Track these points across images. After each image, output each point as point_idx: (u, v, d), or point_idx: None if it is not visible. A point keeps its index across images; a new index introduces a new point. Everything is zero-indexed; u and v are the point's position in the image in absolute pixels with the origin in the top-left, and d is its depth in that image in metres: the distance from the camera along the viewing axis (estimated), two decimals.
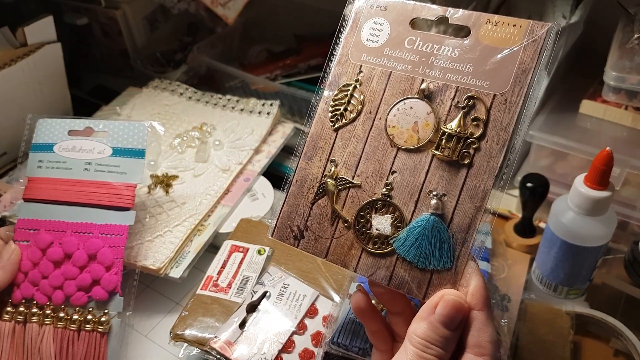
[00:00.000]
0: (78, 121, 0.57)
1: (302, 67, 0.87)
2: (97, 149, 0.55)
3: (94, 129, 0.56)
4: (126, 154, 0.55)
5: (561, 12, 0.61)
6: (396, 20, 0.40)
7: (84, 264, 0.52)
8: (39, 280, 0.51)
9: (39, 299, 0.51)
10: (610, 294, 0.55)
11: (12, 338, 0.50)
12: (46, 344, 0.50)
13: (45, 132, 0.57)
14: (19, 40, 0.73)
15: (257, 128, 0.74)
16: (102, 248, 0.52)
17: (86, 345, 0.50)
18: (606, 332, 0.52)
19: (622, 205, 0.58)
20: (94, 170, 0.54)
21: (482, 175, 0.35)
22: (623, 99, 0.58)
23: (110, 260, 0.52)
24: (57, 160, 0.55)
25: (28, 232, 0.53)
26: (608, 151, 0.45)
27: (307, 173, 0.40)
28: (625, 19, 0.61)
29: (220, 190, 0.66)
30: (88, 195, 0.54)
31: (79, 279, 0.51)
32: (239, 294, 0.53)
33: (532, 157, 0.62)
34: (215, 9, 0.82)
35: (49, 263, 0.52)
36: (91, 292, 0.51)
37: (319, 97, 0.41)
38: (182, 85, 0.82)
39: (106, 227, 0.53)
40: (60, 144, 0.55)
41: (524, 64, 0.35)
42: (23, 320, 0.51)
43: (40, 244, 0.52)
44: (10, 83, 0.73)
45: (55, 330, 0.50)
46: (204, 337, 0.49)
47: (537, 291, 0.55)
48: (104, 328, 0.50)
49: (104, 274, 0.51)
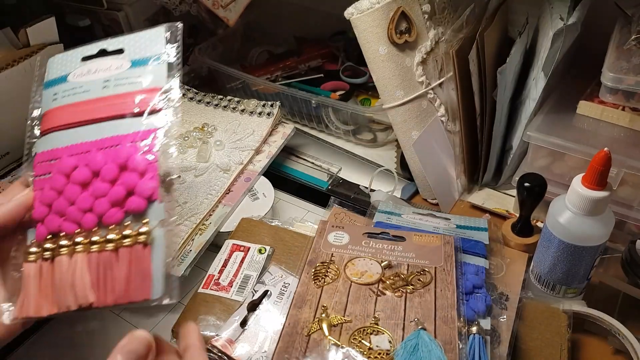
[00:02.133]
0: (90, 46, 0.52)
1: (303, 69, 0.88)
2: (114, 66, 0.50)
3: (109, 49, 0.51)
4: (146, 63, 0.49)
5: (559, 13, 0.62)
6: (353, 234, 0.57)
7: (115, 176, 0.45)
8: (65, 208, 0.45)
9: (67, 228, 0.44)
10: (607, 293, 0.55)
11: (40, 279, 0.43)
12: (80, 274, 0.43)
13: (56, 68, 0.52)
14: (21, 41, 0.73)
15: (257, 128, 0.74)
16: (132, 155, 0.45)
17: (127, 263, 0.43)
18: (603, 331, 0.52)
19: (619, 205, 0.58)
20: (113, 86, 0.49)
21: (445, 298, 0.50)
22: (620, 100, 0.58)
23: (143, 165, 0.45)
24: (72, 87, 0.50)
25: (48, 163, 0.47)
26: (606, 152, 0.46)
27: (299, 317, 0.49)
28: (622, 21, 0.61)
29: (221, 190, 0.66)
30: (111, 108, 0.48)
31: (110, 194, 0.44)
32: (240, 292, 0.54)
33: (529, 158, 0.63)
34: (216, 11, 0.82)
35: (74, 186, 0.45)
36: (126, 205, 0.44)
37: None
38: (183, 86, 0.83)
39: (134, 135, 0.46)
40: (74, 72, 0.50)
41: (447, 252, 0.54)
42: (50, 256, 0.44)
43: (63, 169, 0.46)
44: (12, 84, 0.73)
45: (89, 256, 0.43)
46: (206, 335, 0.50)
47: (535, 290, 0.55)
48: (145, 238, 0.43)
49: (138, 180, 0.45)
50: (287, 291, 0.53)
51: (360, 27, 0.61)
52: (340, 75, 0.84)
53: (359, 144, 0.79)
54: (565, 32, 0.58)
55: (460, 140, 0.66)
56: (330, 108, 0.77)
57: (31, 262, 0.44)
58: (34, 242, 0.45)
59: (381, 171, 0.71)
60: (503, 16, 0.68)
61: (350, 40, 0.86)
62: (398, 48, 0.62)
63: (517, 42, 0.62)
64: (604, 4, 0.64)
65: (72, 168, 0.46)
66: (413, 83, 0.63)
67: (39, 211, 0.45)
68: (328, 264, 0.53)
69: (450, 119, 0.66)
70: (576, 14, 0.61)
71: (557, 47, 0.59)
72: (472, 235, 0.57)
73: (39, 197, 0.46)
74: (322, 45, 0.90)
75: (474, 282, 0.51)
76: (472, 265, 0.53)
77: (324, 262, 0.53)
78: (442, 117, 0.66)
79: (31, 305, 0.43)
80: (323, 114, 0.78)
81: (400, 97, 0.63)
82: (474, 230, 0.59)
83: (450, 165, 0.68)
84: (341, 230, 0.57)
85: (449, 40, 0.62)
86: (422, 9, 0.64)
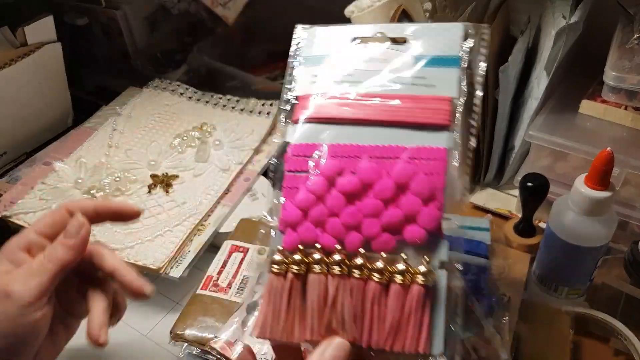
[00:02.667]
0: (363, 27, 0.44)
1: None
2: (393, 57, 0.41)
3: (388, 35, 0.43)
4: (433, 63, 0.41)
5: (561, 12, 0.61)
6: None
7: (391, 195, 0.37)
8: (325, 219, 0.37)
9: (326, 242, 0.37)
10: (609, 294, 0.55)
11: (290, 295, 0.37)
12: (340, 300, 0.36)
13: (320, 43, 0.44)
14: (19, 40, 0.73)
15: (257, 128, 0.74)
16: (416, 175, 0.37)
17: (400, 303, 0.35)
18: (606, 332, 0.52)
19: (621, 205, 0.58)
20: (390, 82, 0.41)
21: None
22: (623, 99, 0.58)
23: (428, 190, 0.37)
24: (338, 72, 0.42)
25: (305, 159, 0.39)
26: (609, 152, 0.45)
27: None
28: (624, 19, 0.61)
29: (220, 190, 0.66)
30: (387, 111, 0.40)
31: (385, 216, 0.37)
32: (239, 294, 0.53)
33: (531, 157, 0.62)
34: (215, 9, 0.82)
35: (339, 196, 0.38)
36: (403, 233, 0.37)
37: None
38: (182, 85, 0.82)
39: (418, 150, 0.38)
40: (341, 54, 0.43)
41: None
42: (302, 271, 0.37)
43: (325, 171, 0.38)
44: (10, 83, 0.73)
45: (350, 282, 0.36)
46: (204, 337, 0.50)
47: (537, 291, 0.55)
48: (425, 279, 0.35)
49: (420, 207, 0.37)
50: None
51: None
52: None
53: None
54: (567, 31, 0.58)
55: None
56: None
57: (278, 275, 0.37)
58: (280, 249, 0.38)
59: None
60: (505, 15, 0.67)
61: None
62: None
63: (519, 41, 0.62)
64: (606, 3, 0.63)
65: (337, 172, 0.38)
66: None
67: (292, 213, 0.38)
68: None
69: None
70: (578, 12, 0.60)
71: (559, 46, 0.58)
72: (474, 236, 0.57)
73: (292, 196, 0.38)
74: None
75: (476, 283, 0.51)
76: (474, 266, 0.53)
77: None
78: None
79: (277, 327, 0.37)
80: None
81: None
82: (476, 230, 0.58)
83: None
84: None
85: None
86: (423, 7, 0.63)
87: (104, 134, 0.74)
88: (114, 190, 0.65)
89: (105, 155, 0.71)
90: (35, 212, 0.63)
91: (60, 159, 0.70)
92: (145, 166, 0.69)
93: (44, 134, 0.81)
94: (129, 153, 0.71)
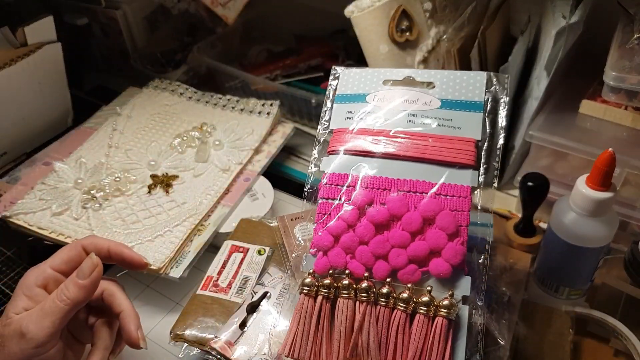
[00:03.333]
0: (393, 70, 0.47)
1: (302, 67, 0.87)
2: (421, 100, 0.45)
3: (417, 79, 0.47)
4: (459, 107, 0.44)
5: (561, 12, 0.61)
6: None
7: (418, 228, 0.40)
8: (355, 247, 0.40)
9: (355, 269, 0.40)
10: (609, 294, 0.55)
11: (319, 317, 0.39)
12: (367, 326, 0.38)
13: (352, 82, 0.48)
14: (19, 40, 0.73)
15: (257, 128, 0.74)
16: (442, 210, 0.40)
17: (424, 334, 0.37)
18: (606, 332, 0.52)
19: (622, 205, 0.58)
20: (419, 122, 0.44)
21: None
22: (623, 99, 0.58)
23: (453, 226, 0.40)
24: (371, 111, 0.45)
25: (337, 188, 0.42)
26: (610, 152, 0.45)
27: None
28: (625, 19, 0.61)
29: (220, 190, 0.66)
30: (415, 148, 0.42)
31: (411, 248, 0.39)
32: (239, 294, 0.53)
33: (532, 157, 0.62)
34: (215, 9, 0.82)
35: (369, 225, 0.40)
36: (429, 265, 0.39)
37: None
38: (182, 85, 0.82)
39: (444, 186, 0.41)
40: (374, 94, 0.46)
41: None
42: (331, 295, 0.39)
43: (356, 201, 0.41)
44: (10, 83, 0.73)
45: (376, 309, 0.39)
46: (204, 337, 0.50)
47: (538, 291, 0.55)
48: (449, 313, 0.37)
49: (445, 242, 0.39)
50: (287, 293, 0.53)
51: (360, 25, 0.60)
52: None
53: None
54: (567, 31, 0.58)
55: None
56: None
57: (308, 296, 0.39)
58: (311, 271, 0.40)
59: None
60: (505, 14, 0.67)
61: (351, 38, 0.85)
62: (399, 46, 0.61)
63: (519, 41, 0.62)
64: (606, 3, 0.63)
65: (367, 203, 0.41)
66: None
67: (324, 239, 0.41)
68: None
69: None
70: (578, 12, 0.60)
71: (560, 45, 0.58)
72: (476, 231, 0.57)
73: (324, 222, 0.41)
74: (322, 43, 0.90)
75: None
76: None
77: None
78: None
79: (306, 347, 0.38)
80: None
81: None
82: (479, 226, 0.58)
83: None
84: (302, 221, 0.53)
85: (450, 39, 0.62)
86: (424, 7, 0.63)
87: (104, 134, 0.74)
88: (114, 191, 0.65)
89: (105, 156, 0.70)
90: (35, 212, 0.63)
91: (60, 159, 0.70)
92: (145, 166, 0.69)
93: (44, 134, 0.81)
94: (129, 153, 0.71)
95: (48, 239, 0.61)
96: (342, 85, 0.47)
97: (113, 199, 0.64)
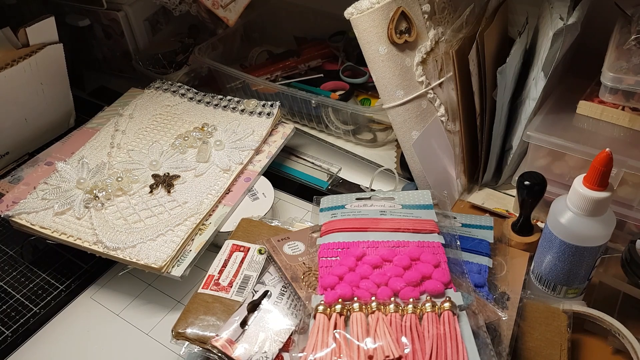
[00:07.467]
0: (361, 194, 0.60)
1: (302, 69, 0.88)
2: (387, 205, 0.58)
3: (379, 197, 0.60)
4: (416, 208, 0.57)
5: (558, 13, 0.62)
6: (302, 239, 0.57)
7: (407, 264, 0.49)
8: (358, 280, 0.48)
9: (361, 295, 0.47)
10: (607, 293, 0.55)
11: (330, 328, 0.44)
12: (382, 330, 0.43)
13: (330, 202, 0.59)
14: (20, 41, 0.73)
15: (257, 128, 0.74)
16: (424, 252, 0.50)
17: (435, 326, 0.44)
18: (603, 331, 0.52)
19: (619, 205, 0.58)
20: (389, 213, 0.56)
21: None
22: (620, 100, 0.58)
23: (435, 260, 0.49)
24: (350, 211, 0.57)
25: (334, 250, 0.52)
26: (607, 152, 0.45)
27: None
28: (622, 20, 0.61)
29: (221, 190, 0.66)
30: (392, 223, 0.54)
31: (406, 276, 0.48)
32: (240, 293, 0.54)
33: (529, 158, 0.63)
34: (216, 11, 0.82)
35: (366, 266, 0.49)
36: (423, 285, 0.47)
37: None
38: (183, 86, 0.83)
39: (421, 243, 0.51)
40: (350, 204, 0.58)
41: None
42: (343, 312, 0.46)
43: (353, 252, 0.50)
44: (12, 84, 0.73)
45: (388, 316, 0.45)
46: (206, 335, 0.50)
47: (536, 290, 0.55)
48: (450, 306, 0.45)
49: (432, 270, 0.48)
50: (287, 292, 0.53)
51: (360, 27, 0.61)
52: (340, 75, 0.84)
53: (359, 144, 0.79)
54: (565, 32, 0.58)
55: (460, 140, 0.66)
56: (330, 108, 0.77)
57: (323, 314, 0.45)
58: (322, 302, 0.46)
59: (381, 171, 0.71)
60: (503, 16, 0.68)
61: (350, 40, 0.86)
62: (398, 48, 0.62)
63: (517, 42, 0.62)
64: (603, 4, 0.64)
65: (362, 254, 0.50)
66: (413, 83, 0.63)
67: (328, 279, 0.48)
68: (309, 272, 0.53)
69: (450, 119, 0.66)
70: (576, 13, 0.61)
71: (557, 47, 0.59)
72: (477, 234, 0.57)
73: (328, 268, 0.50)
74: (322, 45, 0.90)
75: (476, 281, 0.51)
76: (475, 264, 0.53)
77: (305, 273, 0.53)
78: (442, 117, 0.66)
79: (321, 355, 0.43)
80: (323, 114, 0.78)
81: (400, 97, 0.63)
82: (479, 228, 0.59)
83: (450, 165, 0.68)
84: (289, 241, 0.57)
85: (448, 40, 0.62)
86: (422, 9, 0.64)
87: (106, 134, 0.75)
88: (116, 190, 0.65)
89: (107, 156, 0.71)
90: (38, 211, 0.63)
91: (63, 159, 0.71)
92: (147, 166, 0.69)
93: (46, 134, 0.81)
94: (131, 153, 0.71)
95: (50, 238, 0.61)
96: (324, 203, 0.59)
97: (115, 199, 0.65)
